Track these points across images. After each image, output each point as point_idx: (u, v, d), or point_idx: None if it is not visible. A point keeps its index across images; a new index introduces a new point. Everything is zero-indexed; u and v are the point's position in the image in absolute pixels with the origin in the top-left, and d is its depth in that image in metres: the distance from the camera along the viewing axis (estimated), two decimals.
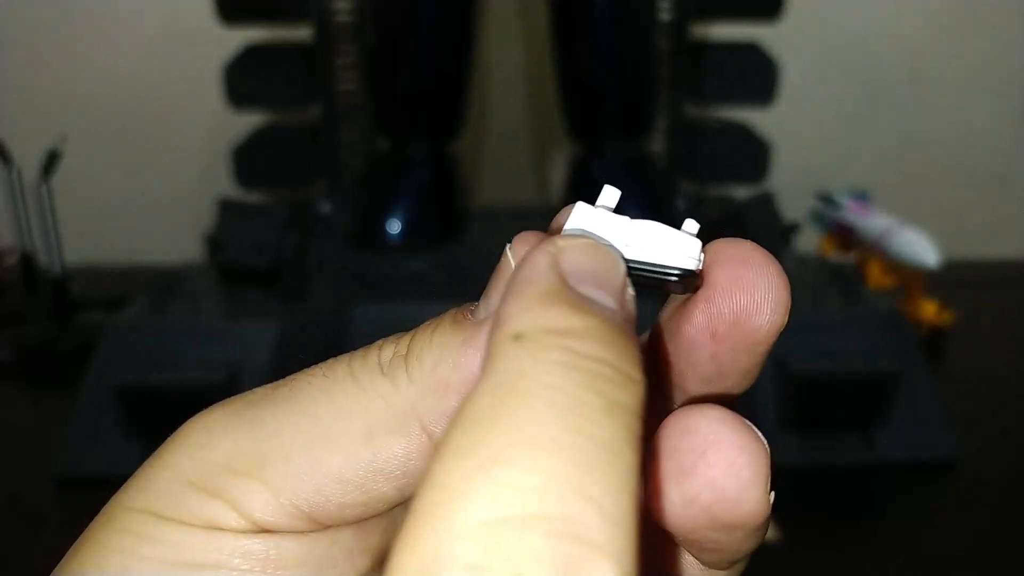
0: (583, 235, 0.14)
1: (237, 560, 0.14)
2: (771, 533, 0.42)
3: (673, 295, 0.15)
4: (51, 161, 0.64)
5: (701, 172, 0.61)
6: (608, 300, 0.13)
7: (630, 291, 0.13)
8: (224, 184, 0.59)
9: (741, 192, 0.62)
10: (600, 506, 0.10)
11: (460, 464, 0.10)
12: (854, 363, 0.48)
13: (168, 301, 0.52)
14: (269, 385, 0.15)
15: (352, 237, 0.58)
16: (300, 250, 0.55)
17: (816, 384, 0.47)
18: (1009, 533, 0.42)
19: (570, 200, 0.14)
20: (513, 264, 0.14)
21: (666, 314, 0.15)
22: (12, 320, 0.65)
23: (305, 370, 0.15)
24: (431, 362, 0.14)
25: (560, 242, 0.13)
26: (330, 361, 0.15)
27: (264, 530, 0.14)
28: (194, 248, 0.62)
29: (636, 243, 0.14)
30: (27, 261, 0.67)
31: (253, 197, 0.60)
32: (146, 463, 0.14)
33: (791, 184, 0.66)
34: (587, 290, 0.13)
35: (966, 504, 0.45)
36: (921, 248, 0.57)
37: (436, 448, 0.11)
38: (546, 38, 0.60)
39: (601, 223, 0.14)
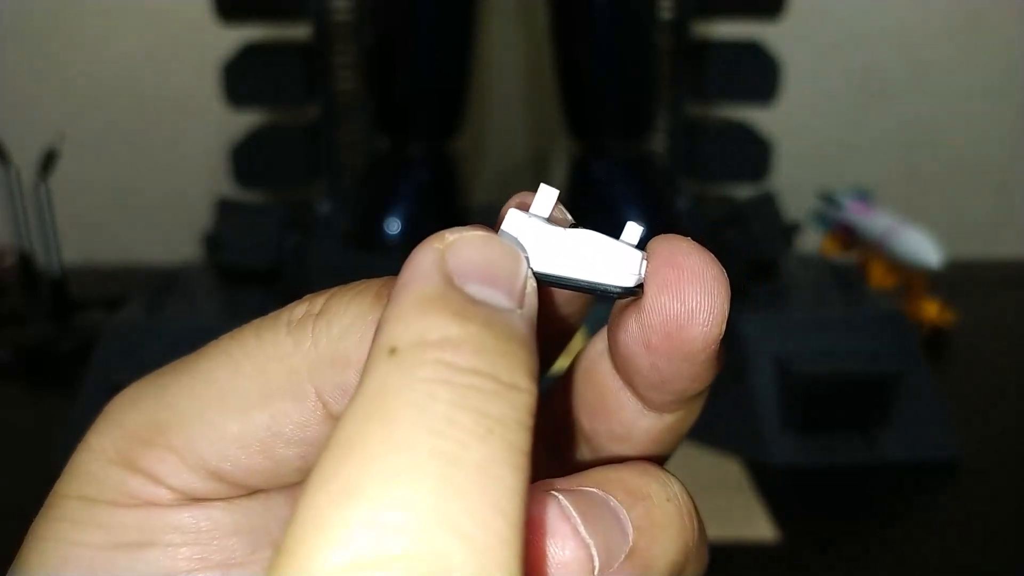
0: (477, 228, 0.12)
1: (169, 535, 0.14)
2: (771, 533, 0.41)
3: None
4: (49, 160, 0.64)
5: (702, 172, 0.60)
6: (501, 298, 0.12)
7: (532, 284, 0.12)
8: (223, 184, 0.59)
9: (742, 192, 0.62)
10: (470, 538, 0.09)
11: (316, 500, 0.10)
12: (855, 363, 0.48)
13: (167, 301, 0.52)
14: (186, 356, 0.15)
15: (352, 237, 0.58)
16: (300, 250, 0.55)
17: (817, 384, 0.47)
18: (1010, 533, 0.42)
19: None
20: None
21: (611, 318, 0.14)
22: (11, 320, 0.64)
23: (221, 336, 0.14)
24: (339, 330, 0.13)
25: (449, 236, 0.12)
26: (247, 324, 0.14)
27: (191, 499, 0.14)
28: (193, 248, 0.62)
29: (573, 257, 0.13)
30: (26, 261, 0.67)
31: (252, 197, 0.60)
32: (76, 449, 0.14)
33: (793, 184, 0.66)
34: (476, 289, 0.12)
35: (967, 504, 0.45)
36: (923, 248, 0.57)
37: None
38: (546, 38, 0.60)
39: (535, 234, 0.13)
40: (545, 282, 0.13)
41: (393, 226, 0.57)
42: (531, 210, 0.13)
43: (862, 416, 0.48)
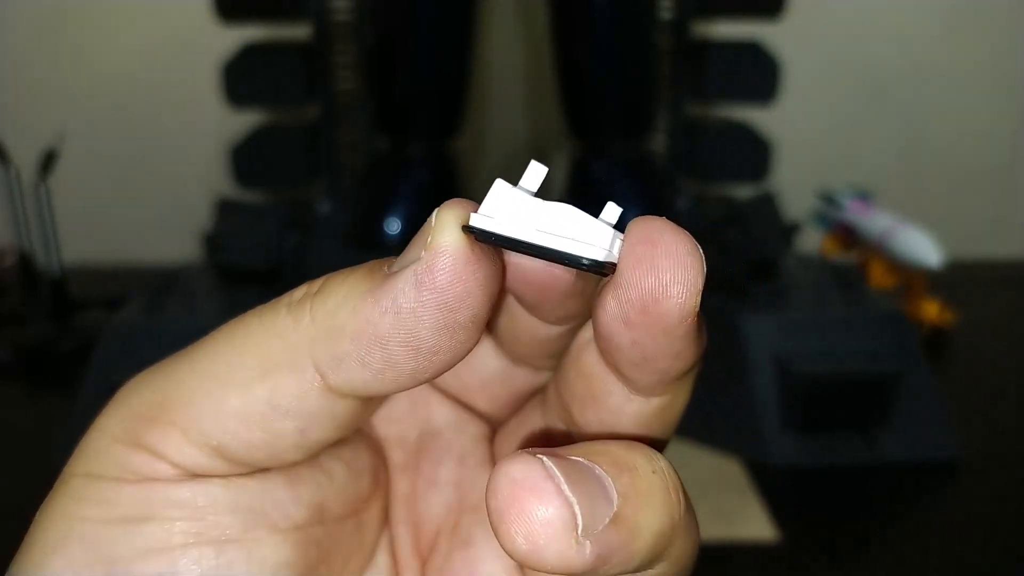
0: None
1: (168, 510, 0.14)
2: (771, 533, 0.41)
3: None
4: (49, 160, 0.64)
5: (702, 172, 0.60)
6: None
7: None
8: (223, 184, 0.59)
9: (742, 192, 0.62)
10: None
11: None
12: (855, 363, 0.48)
13: (167, 301, 0.52)
14: (193, 343, 0.15)
15: (352, 237, 0.58)
16: (300, 250, 0.55)
17: (817, 384, 0.47)
18: (1010, 533, 0.42)
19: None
20: (434, 224, 0.14)
21: (594, 302, 0.15)
22: (11, 320, 0.64)
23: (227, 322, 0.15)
24: (334, 304, 0.14)
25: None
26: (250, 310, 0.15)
27: (191, 475, 0.14)
28: (193, 248, 0.62)
29: (547, 228, 0.13)
30: (26, 261, 0.67)
31: (252, 197, 0.60)
32: (87, 431, 0.15)
33: (793, 184, 0.66)
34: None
35: (967, 504, 0.45)
36: (923, 248, 0.57)
37: None
38: (546, 38, 0.60)
39: (515, 203, 0.14)
40: (519, 249, 0.14)
41: (393, 226, 0.57)
42: (519, 184, 0.14)
43: (862, 416, 0.48)
